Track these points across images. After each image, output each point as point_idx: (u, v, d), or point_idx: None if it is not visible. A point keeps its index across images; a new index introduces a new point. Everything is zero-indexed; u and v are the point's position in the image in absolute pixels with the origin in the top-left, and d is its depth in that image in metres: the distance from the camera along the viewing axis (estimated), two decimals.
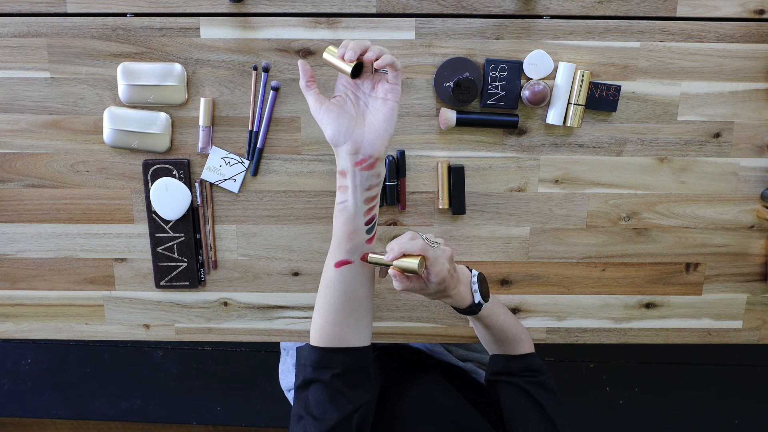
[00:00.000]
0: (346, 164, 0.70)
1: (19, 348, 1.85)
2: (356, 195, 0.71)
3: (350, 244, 0.73)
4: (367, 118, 0.71)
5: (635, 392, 1.85)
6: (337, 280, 0.74)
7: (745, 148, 0.94)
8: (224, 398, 1.86)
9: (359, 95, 0.73)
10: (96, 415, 1.87)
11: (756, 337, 1.03)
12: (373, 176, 0.71)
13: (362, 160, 0.70)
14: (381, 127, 0.70)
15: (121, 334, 1.01)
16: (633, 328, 1.02)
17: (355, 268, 0.74)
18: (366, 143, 0.70)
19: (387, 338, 1.02)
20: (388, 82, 0.71)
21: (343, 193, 0.72)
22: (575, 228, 0.97)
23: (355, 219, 0.72)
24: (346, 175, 0.71)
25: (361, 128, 0.70)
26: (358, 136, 0.70)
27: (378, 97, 0.71)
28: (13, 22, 0.89)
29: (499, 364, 0.90)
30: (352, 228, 0.72)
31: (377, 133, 0.70)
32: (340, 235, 0.73)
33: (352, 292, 0.74)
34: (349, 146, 0.69)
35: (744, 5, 0.89)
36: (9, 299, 1.00)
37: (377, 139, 0.70)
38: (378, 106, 0.71)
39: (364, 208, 0.72)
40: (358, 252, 0.73)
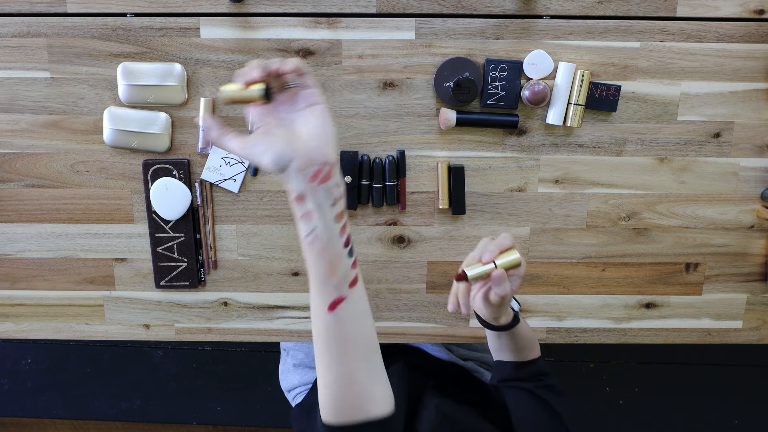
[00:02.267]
0: (301, 185, 0.59)
1: (19, 348, 1.85)
2: (324, 216, 0.60)
3: (335, 277, 0.61)
4: (301, 131, 0.61)
5: (635, 392, 1.85)
6: (335, 323, 0.63)
7: (745, 148, 0.94)
8: (224, 398, 1.86)
9: (280, 116, 0.63)
10: (96, 415, 1.87)
11: (756, 337, 1.03)
12: (333, 187, 0.61)
13: (317, 171, 0.59)
14: (320, 133, 0.61)
15: (121, 334, 1.01)
16: (633, 328, 1.02)
17: (354, 301, 0.63)
18: (313, 151, 0.60)
19: (387, 338, 1.02)
20: (302, 89, 0.62)
21: (307, 221, 0.60)
22: (575, 228, 0.97)
23: (332, 245, 0.61)
24: (305, 198, 0.60)
25: (299, 141, 0.60)
26: (302, 148, 0.59)
27: (301, 108, 0.62)
28: (13, 22, 0.89)
29: (507, 371, 0.89)
30: (331, 258, 0.61)
31: (319, 138, 0.60)
32: (321, 273, 0.61)
33: (357, 329, 0.64)
34: (297, 162, 0.59)
35: (744, 5, 0.89)
36: (9, 299, 1.00)
37: (323, 144, 0.60)
38: (306, 116, 0.62)
39: (336, 228, 0.61)
40: (346, 283, 0.62)
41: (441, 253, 0.98)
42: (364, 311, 0.65)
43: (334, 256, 0.61)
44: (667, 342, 1.03)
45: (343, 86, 0.91)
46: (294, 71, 0.61)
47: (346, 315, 0.63)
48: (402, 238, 0.97)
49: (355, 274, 0.63)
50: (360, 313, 0.64)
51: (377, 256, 0.98)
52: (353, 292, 0.63)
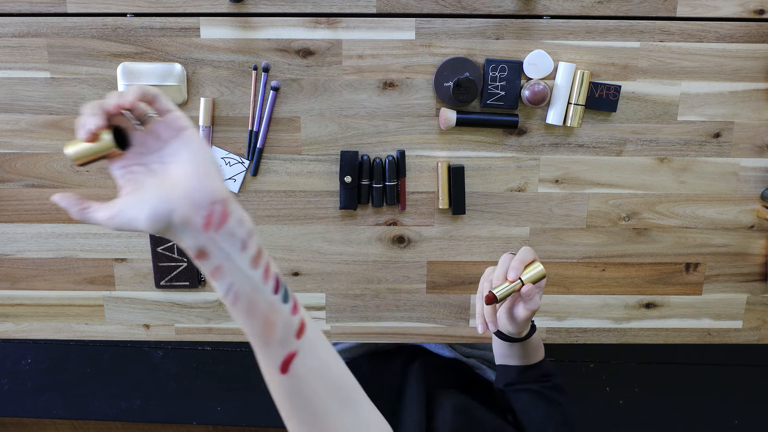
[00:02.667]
0: (197, 238, 0.48)
1: (19, 348, 1.85)
2: (237, 266, 0.49)
3: (277, 331, 0.50)
4: (174, 171, 0.49)
5: (635, 392, 1.85)
6: (295, 385, 0.52)
7: (745, 148, 0.94)
8: (224, 398, 1.86)
9: (146, 161, 0.51)
10: (96, 415, 1.87)
11: (756, 337, 1.03)
12: (236, 228, 0.49)
13: (208, 216, 0.47)
14: (196, 165, 0.49)
15: (121, 334, 1.01)
16: (633, 328, 1.02)
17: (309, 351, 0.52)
18: (195, 192, 0.47)
19: (387, 338, 1.02)
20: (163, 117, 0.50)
21: (220, 278, 0.49)
22: (575, 228, 0.97)
23: (258, 298, 0.50)
24: (207, 253, 0.48)
25: (175, 186, 0.48)
26: (180, 194, 0.47)
27: (167, 140, 0.50)
28: (13, 22, 0.89)
29: (512, 375, 0.88)
30: (263, 313, 0.50)
31: (197, 173, 0.48)
32: (257, 334, 0.50)
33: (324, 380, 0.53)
34: (179, 212, 0.47)
35: (744, 5, 0.89)
36: (9, 299, 1.00)
37: (203, 180, 0.48)
38: (175, 148, 0.50)
39: (257, 276, 0.50)
40: (291, 335, 0.51)
41: (441, 253, 0.98)
42: (325, 357, 0.54)
43: (265, 310, 0.50)
44: (667, 342, 1.03)
45: (343, 86, 0.91)
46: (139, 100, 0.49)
47: (305, 371, 0.52)
48: (402, 238, 0.97)
49: (300, 321, 0.52)
50: (321, 361, 0.53)
51: (377, 256, 0.98)
52: (305, 342, 0.51)
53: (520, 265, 0.72)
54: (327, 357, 0.54)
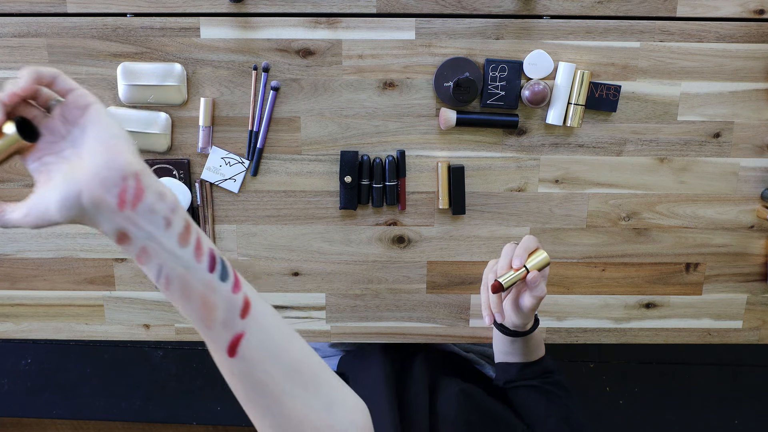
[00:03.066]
0: (113, 220, 0.44)
1: (19, 348, 1.85)
2: (163, 246, 0.45)
3: (218, 312, 0.47)
4: (84, 150, 0.45)
5: (635, 392, 1.85)
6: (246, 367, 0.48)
7: (745, 148, 0.94)
8: (224, 398, 1.86)
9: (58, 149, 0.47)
10: (96, 415, 1.87)
11: (756, 337, 1.03)
12: (155, 201, 0.45)
13: (121, 191, 0.43)
14: (103, 140, 0.45)
15: (121, 334, 1.01)
16: (633, 328, 1.02)
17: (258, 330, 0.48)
18: (102, 168, 0.43)
19: (387, 338, 1.02)
20: (65, 98, 0.47)
21: (147, 261, 0.45)
22: (575, 228, 0.97)
23: (192, 278, 0.46)
24: (128, 236, 0.44)
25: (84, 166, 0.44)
26: (87, 172, 0.43)
27: (74, 121, 0.46)
28: (13, 22, 0.89)
29: (513, 373, 0.88)
30: (200, 295, 0.46)
31: (105, 148, 0.44)
32: (196, 316, 0.47)
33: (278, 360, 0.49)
34: (87, 192, 0.43)
35: (744, 5, 0.89)
36: (9, 299, 1.00)
37: (112, 154, 0.44)
38: (82, 127, 0.46)
39: (188, 254, 0.46)
40: (235, 316, 0.47)
41: (441, 253, 0.98)
42: (277, 336, 0.50)
43: (201, 291, 0.46)
44: (667, 342, 1.03)
45: (343, 86, 0.91)
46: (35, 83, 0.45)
47: (255, 353, 0.48)
48: (402, 238, 0.97)
49: (244, 298, 0.48)
50: (272, 342, 0.49)
51: (377, 256, 0.98)
52: (251, 322, 0.48)
53: (524, 253, 0.72)
54: (279, 336, 0.50)
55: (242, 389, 0.49)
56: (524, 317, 0.78)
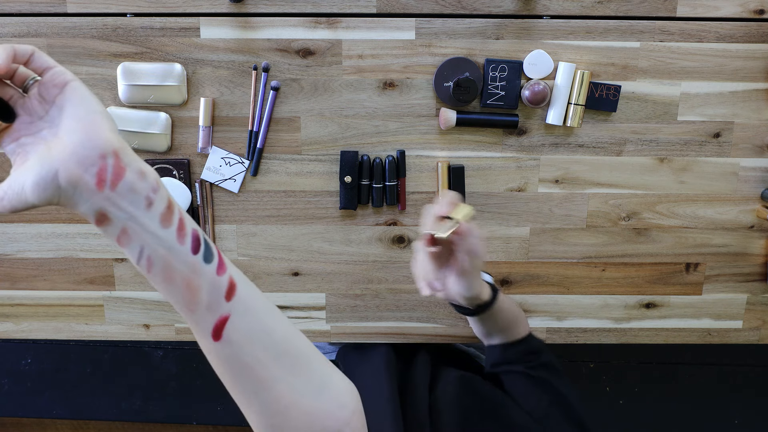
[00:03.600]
0: (92, 200, 0.42)
1: (19, 348, 1.85)
2: (144, 227, 0.43)
3: (202, 294, 0.45)
4: (62, 129, 0.44)
5: (635, 392, 1.85)
6: (232, 352, 0.47)
7: (745, 148, 0.94)
8: (224, 398, 1.86)
9: (36, 129, 0.45)
10: (96, 415, 1.87)
11: (756, 337, 1.03)
12: (136, 182, 0.43)
13: (99, 171, 0.42)
14: (81, 118, 0.43)
15: (121, 334, 1.01)
16: (633, 328, 1.02)
17: (243, 312, 0.47)
18: (80, 147, 0.42)
19: (387, 338, 1.02)
20: (42, 77, 0.45)
21: (128, 243, 0.44)
22: (575, 228, 0.97)
23: (175, 260, 0.44)
24: (108, 216, 0.43)
25: (61, 145, 0.42)
26: (64, 151, 0.42)
27: (51, 100, 0.45)
28: (13, 22, 0.89)
29: (496, 355, 0.86)
30: (183, 277, 0.45)
31: (82, 126, 0.43)
32: (180, 299, 0.45)
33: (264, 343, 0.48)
34: (64, 171, 0.41)
35: (744, 5, 0.89)
36: (9, 299, 1.00)
37: (90, 132, 0.42)
38: (60, 106, 0.44)
39: (170, 235, 0.44)
40: (219, 298, 0.46)
41: None
42: (264, 319, 0.48)
43: (185, 273, 0.45)
44: (667, 342, 1.03)
45: (343, 86, 0.91)
46: (11, 61, 0.43)
47: (241, 336, 0.46)
48: (402, 238, 0.97)
49: (229, 279, 0.46)
50: (259, 324, 0.48)
51: (377, 256, 0.98)
52: (237, 304, 0.46)
53: (448, 204, 0.67)
54: (266, 319, 0.48)
55: (229, 374, 0.48)
56: (468, 284, 0.72)
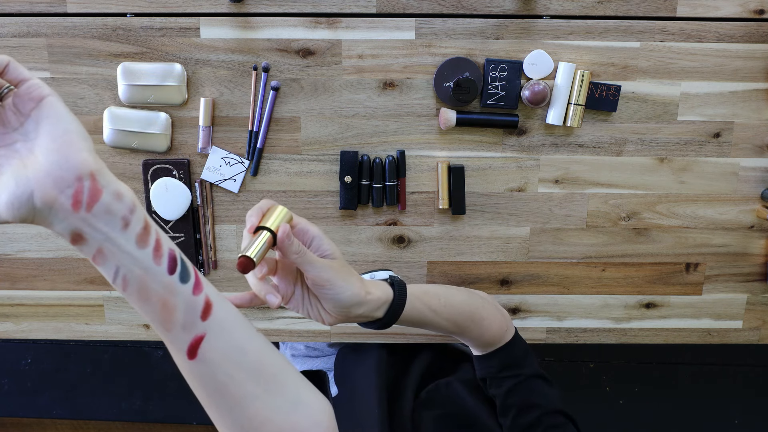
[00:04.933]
0: (68, 221, 0.42)
1: (19, 348, 1.85)
2: (121, 248, 0.43)
3: (178, 314, 0.45)
4: (38, 147, 0.42)
5: (635, 392, 1.85)
6: (206, 370, 0.47)
7: (745, 148, 0.94)
8: None
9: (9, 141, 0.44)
10: (96, 415, 1.87)
11: (756, 337, 1.03)
12: (112, 202, 0.43)
13: (76, 192, 0.41)
14: (57, 136, 0.42)
15: (121, 334, 1.01)
16: (633, 328, 1.02)
17: (219, 331, 0.47)
18: (56, 168, 0.41)
19: (387, 338, 1.02)
20: (18, 88, 0.44)
21: (103, 262, 0.44)
22: (575, 228, 0.97)
23: (151, 280, 0.44)
24: (83, 237, 0.43)
25: (37, 164, 0.42)
26: (39, 172, 0.41)
27: (27, 113, 0.44)
28: (13, 22, 0.89)
29: (478, 369, 0.82)
30: (159, 296, 0.45)
31: (59, 145, 0.42)
32: (156, 318, 0.46)
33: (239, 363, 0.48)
34: (40, 192, 0.41)
35: (744, 5, 0.89)
36: (9, 299, 1.00)
37: (66, 152, 0.42)
38: (36, 121, 0.43)
39: (146, 256, 0.44)
40: (195, 317, 0.46)
41: (441, 253, 0.98)
42: (239, 337, 0.48)
43: (161, 293, 0.45)
44: (667, 342, 1.03)
45: (343, 86, 0.91)
46: None
47: (216, 355, 0.47)
48: (402, 238, 0.97)
49: (205, 299, 0.47)
50: (234, 343, 0.48)
51: (377, 256, 0.98)
52: (213, 324, 0.47)
53: (257, 212, 0.59)
54: (242, 337, 0.48)
55: (203, 391, 0.48)
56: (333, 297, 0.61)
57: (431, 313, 0.71)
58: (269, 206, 0.60)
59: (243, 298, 0.62)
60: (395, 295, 0.66)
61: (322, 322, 0.63)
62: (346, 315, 0.63)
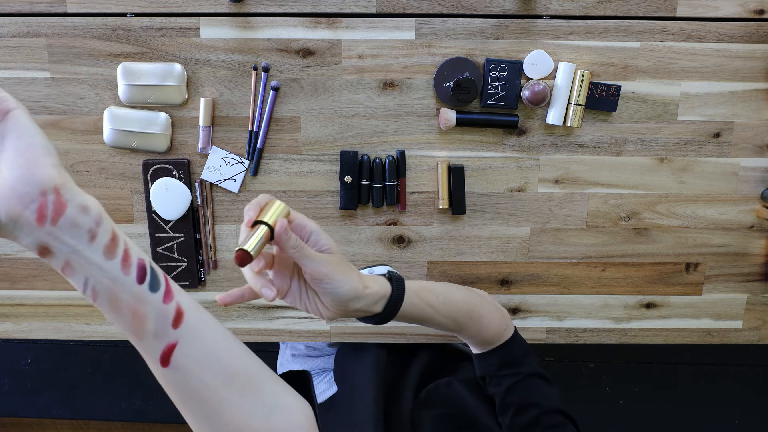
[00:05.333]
0: (33, 235, 0.42)
1: (19, 348, 1.85)
2: (88, 260, 0.43)
3: (148, 323, 0.46)
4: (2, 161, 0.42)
5: (635, 392, 1.85)
6: (180, 377, 0.48)
7: (745, 148, 0.94)
8: None
9: None
10: (96, 415, 1.87)
11: (756, 337, 1.03)
12: (78, 217, 0.43)
13: (40, 207, 0.41)
14: (22, 148, 0.41)
15: (121, 334, 1.01)
16: (633, 328, 1.02)
17: (191, 339, 0.48)
18: (19, 183, 0.41)
19: (387, 338, 1.02)
20: None
21: (72, 274, 0.44)
22: (575, 228, 0.97)
23: (120, 290, 0.45)
24: (50, 249, 0.43)
25: (3, 178, 0.41)
26: (6, 186, 0.41)
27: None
28: (13, 22, 0.89)
29: (478, 366, 0.82)
30: (129, 305, 0.45)
31: (23, 158, 0.41)
32: (127, 327, 0.46)
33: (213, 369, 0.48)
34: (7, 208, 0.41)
35: (744, 5, 0.89)
36: (9, 299, 1.00)
37: (31, 165, 0.41)
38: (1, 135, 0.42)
39: (115, 267, 0.44)
40: (166, 325, 0.46)
41: (441, 253, 0.98)
42: (211, 343, 0.49)
43: (130, 303, 0.45)
44: (667, 342, 1.03)
45: (343, 86, 0.91)
46: None
47: (189, 362, 0.47)
48: (402, 238, 0.97)
49: (176, 308, 0.47)
50: (206, 349, 0.48)
51: (377, 256, 0.98)
52: (185, 331, 0.47)
53: (255, 207, 0.58)
54: (215, 343, 0.49)
55: (178, 398, 0.49)
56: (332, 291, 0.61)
57: (430, 309, 0.71)
58: (267, 201, 0.60)
59: (236, 294, 0.62)
60: (393, 290, 0.67)
61: (320, 316, 0.63)
62: (344, 309, 0.63)
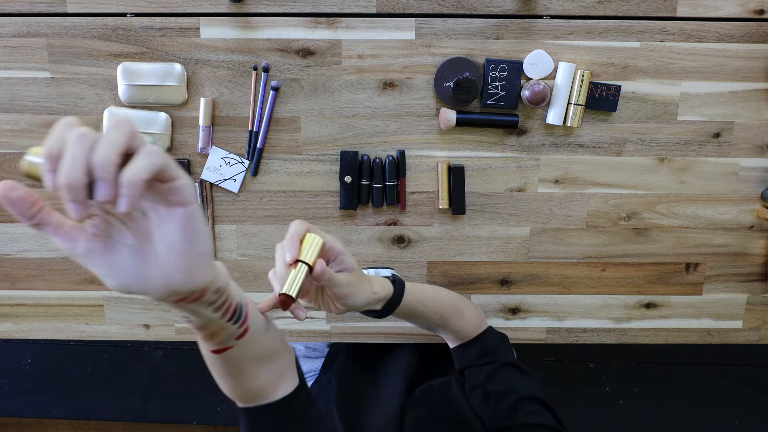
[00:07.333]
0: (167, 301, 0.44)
1: (19, 348, 1.85)
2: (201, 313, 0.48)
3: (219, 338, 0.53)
4: (156, 239, 0.41)
5: (635, 392, 1.85)
6: (224, 361, 0.56)
7: (745, 148, 0.94)
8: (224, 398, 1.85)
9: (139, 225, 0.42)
10: (96, 415, 1.87)
11: (756, 337, 1.03)
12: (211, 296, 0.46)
13: (183, 298, 0.43)
14: (184, 253, 0.41)
15: (121, 334, 1.01)
16: (633, 328, 1.02)
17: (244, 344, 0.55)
18: (176, 282, 0.41)
19: (387, 338, 1.02)
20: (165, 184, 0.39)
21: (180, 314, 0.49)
22: (575, 228, 0.97)
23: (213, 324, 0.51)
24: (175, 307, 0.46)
25: (154, 268, 0.41)
26: (158, 281, 0.41)
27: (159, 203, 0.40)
28: (13, 22, 0.89)
29: (457, 359, 0.85)
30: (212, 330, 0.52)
31: (182, 263, 0.41)
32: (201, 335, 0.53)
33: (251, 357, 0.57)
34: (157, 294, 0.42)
35: (744, 5, 0.89)
36: (9, 299, 1.00)
37: (188, 271, 0.41)
38: (163, 216, 0.40)
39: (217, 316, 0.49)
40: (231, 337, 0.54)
41: (441, 253, 0.98)
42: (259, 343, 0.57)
43: (214, 329, 0.51)
44: (667, 342, 1.03)
45: (343, 86, 0.91)
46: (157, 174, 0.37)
47: (237, 356, 0.56)
48: (402, 238, 0.97)
49: (244, 329, 0.54)
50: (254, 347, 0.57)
51: (377, 256, 0.98)
52: (242, 341, 0.55)
53: (294, 242, 0.60)
54: (261, 342, 0.57)
55: (217, 371, 0.59)
56: (352, 300, 0.67)
57: (421, 306, 0.78)
58: (304, 232, 0.63)
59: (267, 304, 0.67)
60: (395, 292, 0.74)
61: (329, 311, 0.69)
62: (353, 310, 0.70)
